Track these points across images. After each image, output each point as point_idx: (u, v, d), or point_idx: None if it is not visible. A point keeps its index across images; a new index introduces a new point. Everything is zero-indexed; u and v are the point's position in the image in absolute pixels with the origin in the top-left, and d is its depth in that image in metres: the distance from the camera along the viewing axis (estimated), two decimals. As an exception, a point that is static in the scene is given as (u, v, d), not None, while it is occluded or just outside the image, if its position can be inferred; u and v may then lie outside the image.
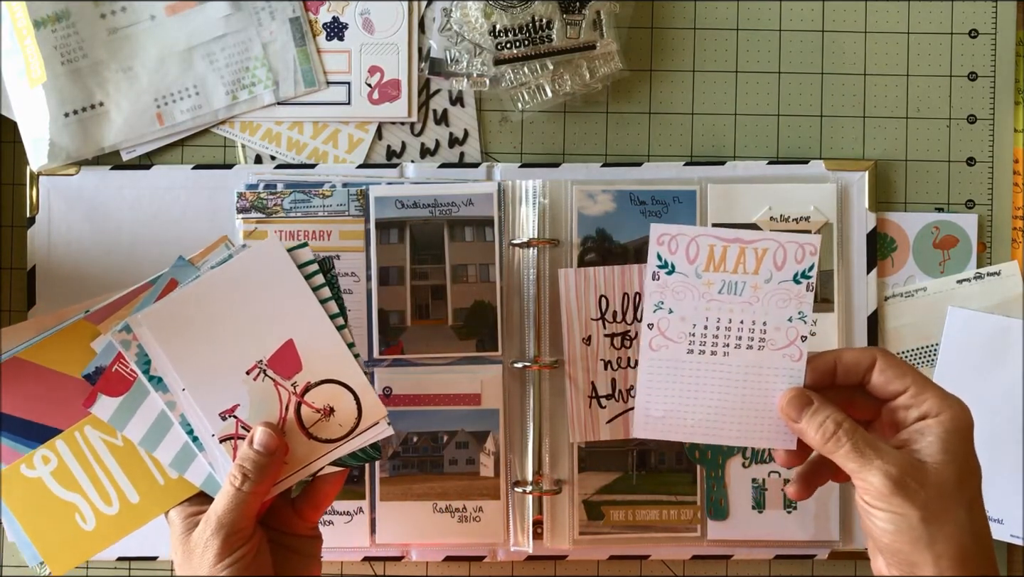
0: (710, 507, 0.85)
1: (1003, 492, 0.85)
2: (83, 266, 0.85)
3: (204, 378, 0.70)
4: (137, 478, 0.72)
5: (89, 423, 0.72)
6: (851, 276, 0.86)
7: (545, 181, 0.85)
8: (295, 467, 0.71)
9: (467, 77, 0.86)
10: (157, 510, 0.72)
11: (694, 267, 0.61)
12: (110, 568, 0.86)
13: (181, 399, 0.70)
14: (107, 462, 0.72)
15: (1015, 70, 0.88)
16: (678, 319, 0.62)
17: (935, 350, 0.86)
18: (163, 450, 0.71)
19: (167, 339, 0.70)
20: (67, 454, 0.72)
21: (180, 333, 0.70)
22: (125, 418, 0.71)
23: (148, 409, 0.71)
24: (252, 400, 0.71)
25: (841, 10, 0.88)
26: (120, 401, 0.71)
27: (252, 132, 0.88)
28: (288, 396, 0.71)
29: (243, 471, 0.68)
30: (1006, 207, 0.88)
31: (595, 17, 0.86)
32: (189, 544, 0.68)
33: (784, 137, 0.88)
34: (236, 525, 0.67)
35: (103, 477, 0.72)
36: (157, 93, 0.86)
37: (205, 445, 0.70)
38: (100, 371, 0.71)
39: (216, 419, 0.70)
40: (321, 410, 0.71)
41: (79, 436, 0.72)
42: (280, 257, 0.72)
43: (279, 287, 0.72)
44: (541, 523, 0.84)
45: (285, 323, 0.71)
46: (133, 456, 0.72)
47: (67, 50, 0.85)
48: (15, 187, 0.87)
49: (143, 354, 0.70)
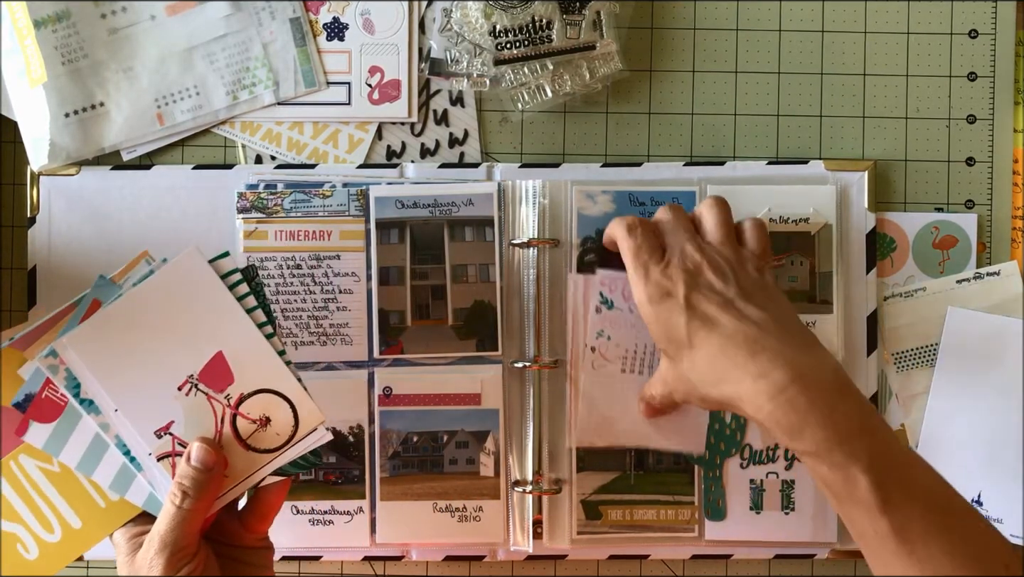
0: (708, 507, 0.85)
1: (1003, 492, 0.85)
2: (83, 266, 0.86)
3: (136, 397, 0.70)
4: (77, 503, 0.71)
5: (23, 451, 0.71)
6: (850, 276, 0.86)
7: (545, 181, 0.85)
8: (236, 479, 0.70)
9: (467, 77, 0.86)
10: (101, 533, 0.71)
11: (628, 304, 0.73)
12: (110, 568, 0.86)
13: (114, 420, 0.70)
14: (45, 489, 0.71)
15: (1015, 70, 0.88)
16: (614, 345, 0.75)
17: (935, 350, 0.86)
18: (101, 473, 0.70)
19: (95, 360, 0.69)
20: (3, 485, 0.71)
21: (107, 353, 0.70)
22: (59, 444, 0.70)
23: (82, 433, 0.70)
24: (186, 416, 0.70)
25: (841, 10, 0.88)
26: (53, 427, 0.70)
27: (252, 132, 0.88)
28: (222, 409, 0.71)
29: (182, 488, 0.68)
30: (1006, 207, 0.88)
31: (595, 17, 0.86)
32: (135, 565, 0.68)
33: (784, 137, 0.88)
34: (180, 543, 0.67)
35: (42, 505, 0.71)
36: (157, 93, 0.86)
37: (143, 464, 0.70)
38: (30, 398, 0.70)
39: (152, 437, 0.70)
40: (257, 421, 0.71)
41: (14, 465, 0.71)
42: (202, 269, 0.71)
43: (204, 299, 0.71)
44: (541, 523, 0.84)
45: (213, 335, 0.71)
46: (71, 481, 0.71)
47: (67, 50, 0.85)
48: (15, 187, 0.87)
49: (72, 378, 0.69)
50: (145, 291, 0.71)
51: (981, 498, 0.85)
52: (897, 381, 0.87)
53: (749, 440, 0.85)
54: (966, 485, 0.84)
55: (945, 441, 0.85)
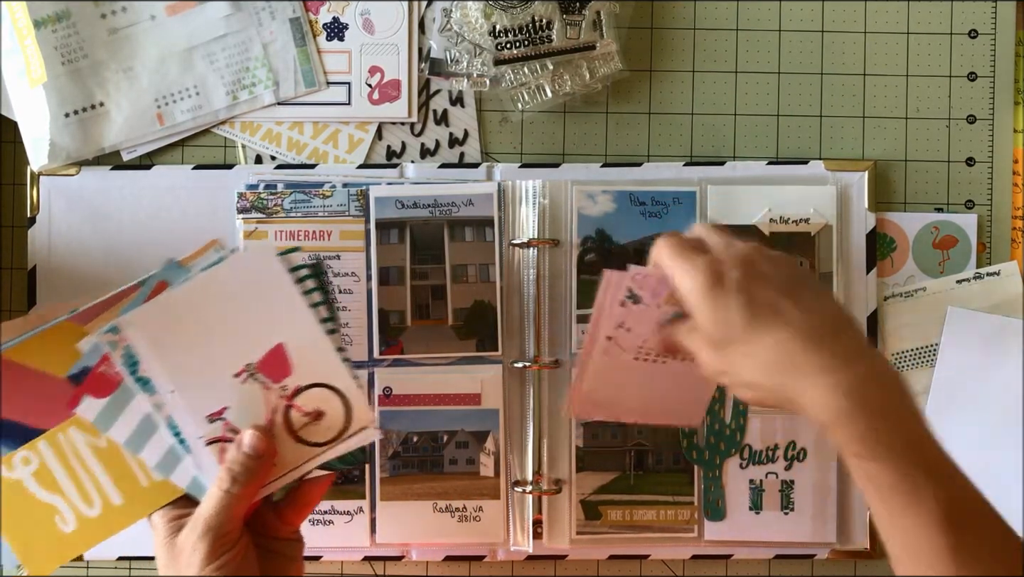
0: (707, 508, 0.85)
1: (1003, 492, 0.84)
2: (83, 266, 0.86)
3: (192, 380, 0.70)
4: (120, 480, 0.71)
5: (73, 424, 0.71)
6: (851, 276, 0.86)
7: (545, 181, 0.85)
8: (282, 470, 0.71)
9: (467, 77, 0.86)
10: (140, 512, 0.71)
11: (655, 300, 0.69)
12: (110, 568, 0.86)
13: (169, 401, 0.70)
14: (90, 464, 0.71)
15: (1015, 70, 0.88)
16: (634, 335, 0.70)
17: (935, 350, 0.86)
18: (148, 452, 0.70)
19: (156, 341, 0.70)
20: (49, 455, 0.71)
21: (169, 335, 0.70)
22: (110, 420, 0.70)
23: (134, 411, 0.70)
24: (240, 403, 0.70)
25: (841, 10, 0.88)
26: (105, 403, 0.70)
27: (252, 132, 0.88)
28: (277, 399, 0.71)
29: (232, 474, 0.68)
30: (1006, 207, 0.88)
31: (595, 17, 0.86)
32: (175, 547, 0.68)
33: (784, 137, 0.88)
34: (223, 528, 0.67)
35: (85, 479, 0.71)
36: (157, 93, 0.86)
37: (192, 448, 0.70)
38: (85, 372, 0.70)
39: (203, 421, 0.70)
40: (310, 414, 0.71)
41: (62, 437, 0.71)
42: (271, 261, 0.71)
43: (269, 291, 0.71)
44: (541, 523, 0.84)
45: (275, 327, 0.71)
46: (117, 458, 0.71)
47: (67, 50, 0.85)
48: (15, 187, 0.87)
49: (130, 356, 0.69)
50: (212, 278, 0.71)
51: (981, 498, 0.85)
52: (897, 381, 0.87)
53: (749, 440, 0.85)
54: (966, 485, 0.84)
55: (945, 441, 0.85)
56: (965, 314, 0.86)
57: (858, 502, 0.85)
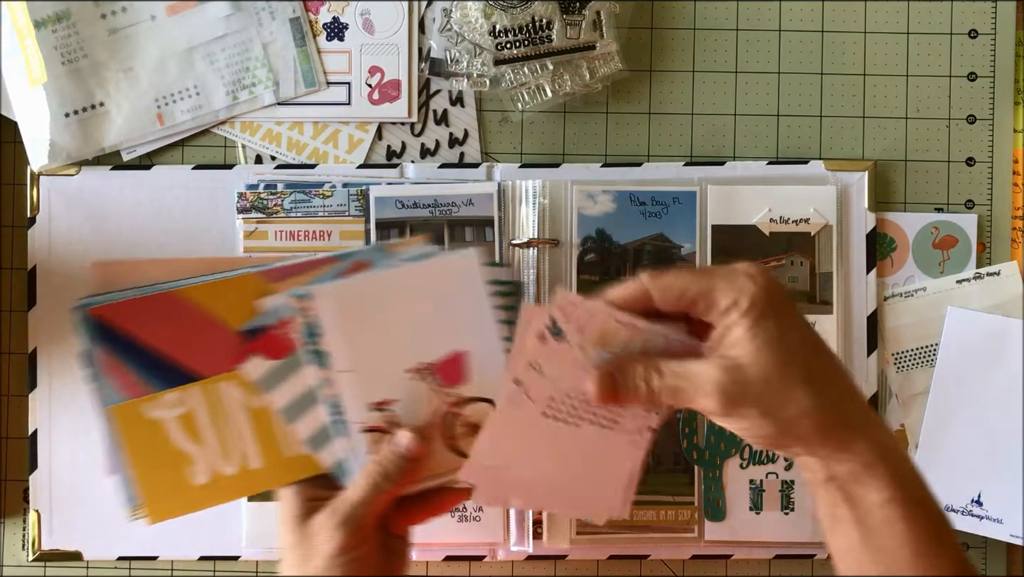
0: (708, 508, 0.85)
1: (1003, 492, 0.85)
2: (83, 266, 0.85)
3: (367, 366, 0.68)
4: (265, 445, 0.69)
5: (232, 378, 0.69)
6: (851, 276, 0.86)
7: (545, 181, 0.85)
8: (428, 473, 0.69)
9: (467, 77, 0.86)
10: (276, 481, 0.69)
11: (580, 338, 0.61)
12: (110, 568, 0.86)
13: (337, 380, 0.68)
14: (238, 422, 0.69)
15: (1015, 70, 0.88)
16: (547, 381, 0.62)
17: (935, 350, 0.86)
18: (302, 424, 0.69)
19: (344, 318, 0.68)
20: (199, 404, 0.69)
21: (357, 315, 0.68)
22: (273, 383, 0.68)
23: (299, 381, 0.68)
24: (408, 399, 0.69)
25: (841, 10, 0.88)
26: (274, 365, 0.68)
27: (252, 132, 0.88)
28: (442, 404, 0.70)
29: (384, 471, 0.67)
30: (1006, 207, 0.88)
31: (595, 17, 0.86)
32: (306, 528, 0.66)
33: (784, 137, 0.88)
34: (361, 521, 0.66)
35: (230, 436, 0.69)
36: (157, 93, 0.86)
37: (348, 431, 0.68)
38: (260, 330, 0.68)
39: (367, 408, 0.68)
40: (469, 425, 0.70)
41: (217, 389, 0.69)
42: (475, 270, 0.71)
43: (466, 298, 0.70)
44: (541, 523, 0.84)
45: (462, 334, 0.70)
46: (267, 423, 0.69)
47: (67, 50, 0.85)
48: (15, 187, 0.87)
49: (313, 326, 0.68)
50: (415, 271, 0.71)
51: (981, 498, 0.85)
52: (897, 381, 0.87)
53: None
54: (966, 485, 0.85)
55: (945, 441, 0.85)
56: (965, 314, 0.86)
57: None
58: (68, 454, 0.85)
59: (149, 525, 0.69)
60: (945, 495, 0.85)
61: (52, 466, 0.85)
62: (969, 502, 0.85)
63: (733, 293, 0.58)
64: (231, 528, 0.85)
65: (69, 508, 0.85)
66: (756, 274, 0.59)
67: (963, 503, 0.85)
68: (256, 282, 0.69)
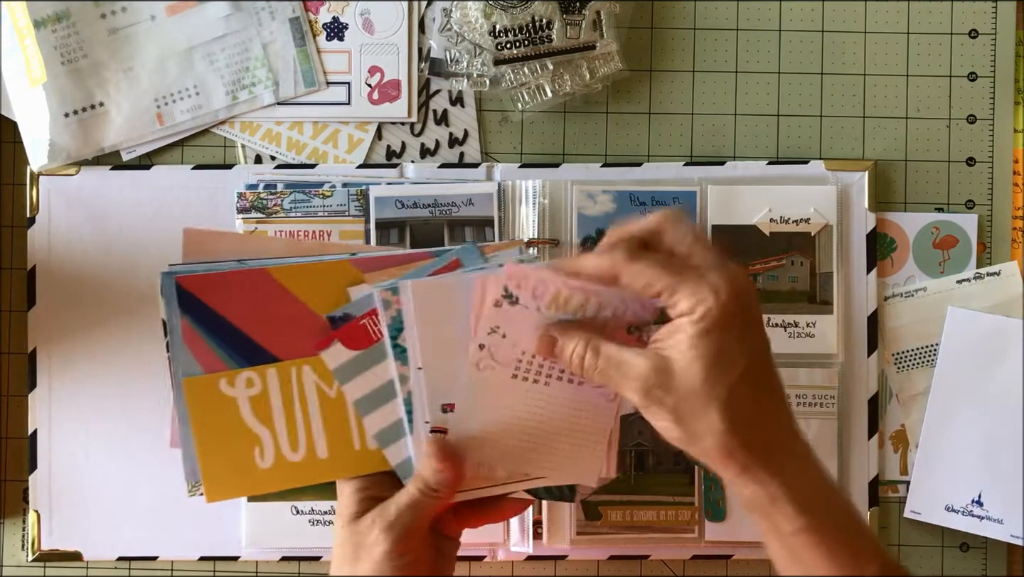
0: (708, 508, 0.85)
1: (1003, 492, 0.85)
2: (83, 266, 0.86)
3: (444, 366, 0.67)
4: (334, 435, 0.68)
5: (310, 364, 0.68)
6: (851, 276, 0.86)
7: (545, 181, 0.85)
8: (493, 482, 0.69)
9: (467, 77, 0.86)
10: (341, 473, 0.69)
11: (537, 303, 0.63)
12: (110, 568, 0.86)
13: (415, 377, 0.67)
14: (311, 408, 0.68)
15: (1015, 70, 0.88)
16: (510, 344, 0.64)
17: (935, 350, 0.86)
18: (374, 418, 0.68)
19: (427, 315, 0.67)
20: (274, 386, 0.68)
21: (439, 314, 0.67)
22: (351, 374, 0.67)
23: (377, 374, 0.68)
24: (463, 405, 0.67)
25: (841, 10, 0.88)
26: (355, 355, 0.67)
27: (252, 132, 0.88)
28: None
29: (427, 482, 0.66)
30: (1006, 207, 0.88)
31: (595, 17, 0.86)
32: (356, 527, 0.66)
33: (784, 137, 0.88)
34: (410, 526, 0.66)
35: (300, 422, 0.68)
36: (157, 93, 0.86)
37: (417, 429, 0.68)
38: (346, 319, 0.68)
39: (437, 410, 0.67)
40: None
41: (295, 372, 0.68)
42: None
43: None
44: (541, 523, 0.84)
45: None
46: (339, 413, 0.68)
47: (67, 50, 0.85)
48: (15, 187, 0.87)
49: (399, 319, 0.67)
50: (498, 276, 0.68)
51: (981, 498, 0.85)
52: (897, 381, 0.87)
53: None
54: (966, 485, 0.84)
55: (945, 441, 0.85)
56: (965, 314, 0.86)
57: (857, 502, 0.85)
58: (68, 454, 0.85)
59: (207, 503, 0.68)
60: (945, 495, 0.85)
61: (52, 466, 0.85)
62: (969, 502, 0.85)
63: (692, 300, 0.59)
64: (231, 528, 0.85)
65: (69, 508, 0.85)
66: (722, 286, 0.59)
67: (963, 503, 0.85)
68: (348, 270, 0.68)
